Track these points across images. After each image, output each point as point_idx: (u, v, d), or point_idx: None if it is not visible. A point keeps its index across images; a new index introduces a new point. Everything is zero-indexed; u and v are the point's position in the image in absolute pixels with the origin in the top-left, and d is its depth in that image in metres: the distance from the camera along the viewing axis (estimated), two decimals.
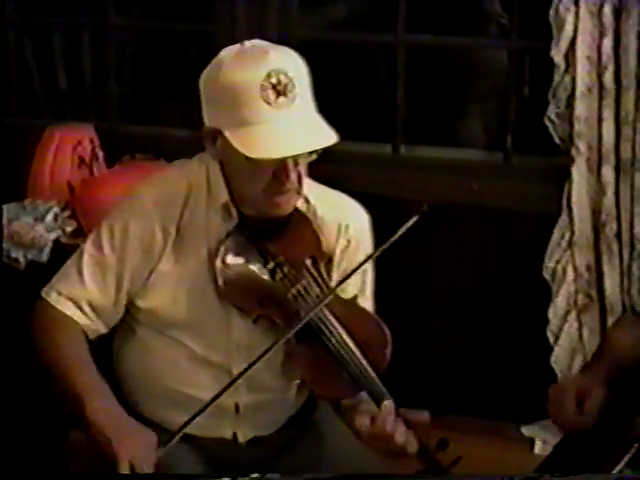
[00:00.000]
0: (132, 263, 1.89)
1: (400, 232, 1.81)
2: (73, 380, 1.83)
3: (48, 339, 1.89)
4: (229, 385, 1.82)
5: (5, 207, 2.87)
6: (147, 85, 3.85)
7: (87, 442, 2.09)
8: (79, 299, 1.89)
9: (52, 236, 2.75)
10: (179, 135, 3.22)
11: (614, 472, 1.70)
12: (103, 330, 1.93)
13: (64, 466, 2.61)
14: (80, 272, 1.90)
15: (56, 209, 2.83)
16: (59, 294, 1.90)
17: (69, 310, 1.90)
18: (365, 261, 1.91)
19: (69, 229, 2.77)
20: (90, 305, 1.90)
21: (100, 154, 2.98)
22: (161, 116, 3.72)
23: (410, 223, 1.81)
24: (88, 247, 1.91)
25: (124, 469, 1.74)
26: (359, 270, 1.94)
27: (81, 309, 1.90)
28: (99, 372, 1.88)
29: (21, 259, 2.71)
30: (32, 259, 2.71)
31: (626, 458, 1.73)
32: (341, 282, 1.89)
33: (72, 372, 1.84)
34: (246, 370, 1.81)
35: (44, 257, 2.70)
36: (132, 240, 1.88)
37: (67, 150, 2.91)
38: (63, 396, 1.88)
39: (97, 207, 2.00)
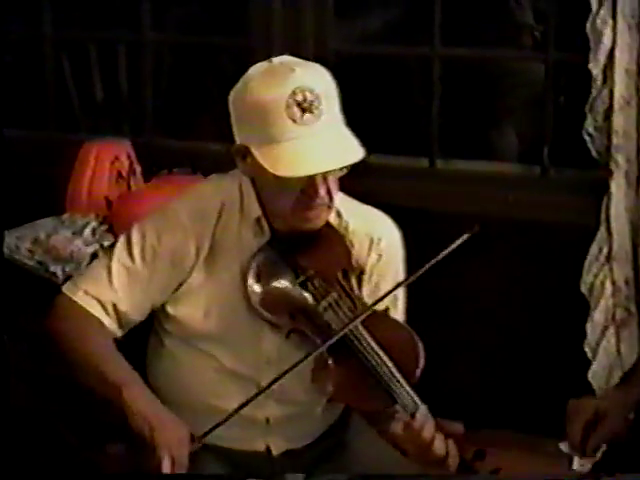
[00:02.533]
0: (161, 276, 1.89)
1: (450, 249, 1.80)
2: (106, 369, 1.82)
3: (75, 335, 1.88)
4: (261, 392, 1.82)
5: (43, 221, 2.89)
6: (183, 99, 3.87)
7: (125, 453, 2.11)
8: (105, 301, 1.89)
9: (90, 250, 2.77)
10: (215, 149, 3.24)
11: None
12: (118, 334, 1.92)
13: (101, 478, 2.63)
14: (110, 275, 1.89)
15: (94, 223, 2.85)
16: (86, 293, 1.90)
17: (94, 309, 1.89)
18: (409, 278, 1.89)
19: (107, 243, 2.78)
20: (114, 308, 1.90)
21: (137, 169, 3.00)
22: (197, 130, 3.73)
23: (460, 241, 1.81)
24: (119, 252, 1.91)
25: (165, 455, 1.73)
26: (390, 284, 1.95)
27: (105, 310, 1.89)
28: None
29: (59, 273, 2.73)
30: (70, 273, 2.72)
31: None
32: (380, 299, 1.88)
33: (104, 362, 1.83)
34: (276, 380, 1.81)
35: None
36: (164, 252, 1.88)
37: (105, 165, 2.93)
38: (95, 390, 1.85)
39: (134, 221, 2.00)
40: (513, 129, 3.56)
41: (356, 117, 1.87)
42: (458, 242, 1.81)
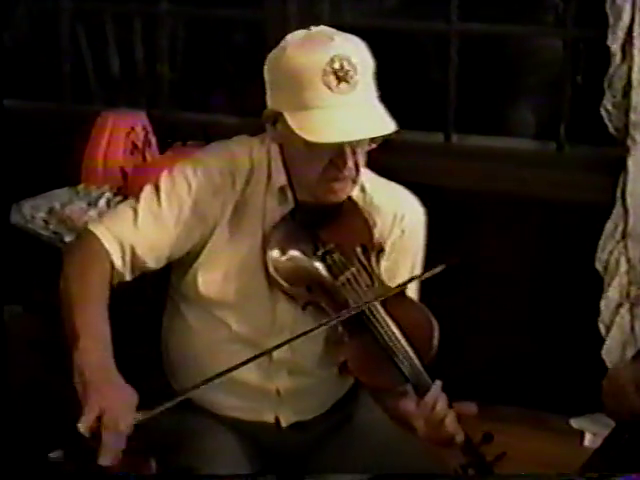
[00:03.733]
0: (185, 225, 1.87)
1: (423, 276, 1.85)
2: (76, 316, 1.75)
3: (78, 262, 1.83)
4: (254, 357, 1.78)
5: (58, 192, 2.90)
6: (198, 72, 3.86)
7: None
8: (125, 241, 1.85)
9: None
10: (229, 122, 3.24)
11: None
12: (128, 278, 1.88)
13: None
14: (136, 216, 1.86)
15: (109, 194, 2.85)
16: (108, 229, 1.86)
17: (111, 246, 1.84)
18: (406, 283, 1.91)
19: None
20: (132, 250, 1.86)
21: (153, 140, 3.00)
22: (212, 103, 3.73)
23: (436, 271, 1.82)
24: (146, 195, 1.88)
25: (89, 419, 1.60)
26: (409, 260, 1.95)
27: (123, 251, 1.85)
28: (107, 322, 1.78)
29: None
30: None
31: None
32: (402, 285, 1.88)
33: (80, 308, 1.76)
34: (282, 344, 1.80)
35: None
36: (191, 203, 1.86)
37: (120, 136, 2.93)
38: (63, 325, 1.78)
39: None
40: (529, 105, 3.55)
41: (378, 96, 1.86)
42: (434, 271, 1.83)
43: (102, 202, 2.81)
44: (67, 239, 2.74)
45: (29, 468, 2.39)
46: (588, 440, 2.81)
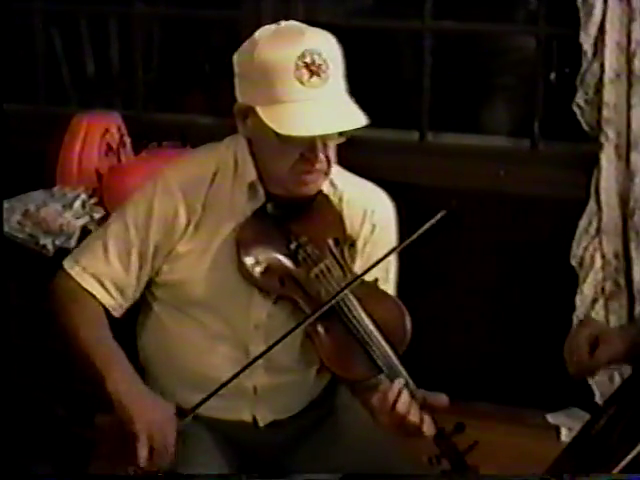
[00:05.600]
0: (155, 242, 1.91)
1: (426, 226, 1.81)
2: (92, 353, 1.85)
3: (69, 312, 1.91)
4: (252, 362, 1.84)
5: (33, 194, 2.89)
6: (173, 72, 3.86)
7: (112, 425, 2.12)
8: (103, 277, 1.91)
9: (80, 223, 2.77)
10: (205, 122, 3.23)
11: (634, 451, 1.69)
12: (126, 305, 1.94)
13: (90, 450, 2.64)
14: (105, 249, 1.91)
15: (84, 196, 2.84)
16: (83, 270, 1.92)
17: (91, 287, 1.91)
18: (391, 252, 1.91)
19: (97, 216, 2.79)
20: (114, 284, 1.91)
21: (127, 141, 3.00)
22: (188, 103, 3.73)
23: (437, 217, 1.81)
24: (113, 224, 1.93)
25: (143, 443, 1.76)
26: (381, 254, 1.93)
27: (104, 286, 1.91)
28: (119, 345, 1.89)
29: (49, 246, 2.73)
30: (60, 246, 2.72)
31: None
32: (368, 269, 1.89)
33: (91, 345, 1.86)
34: (266, 351, 1.83)
35: (72, 244, 2.71)
36: (156, 219, 1.90)
37: (95, 138, 2.92)
38: (84, 370, 1.88)
39: (125, 194, 2.00)
40: (504, 103, 3.56)
41: (348, 90, 1.87)
42: (436, 218, 1.82)
43: (77, 204, 2.80)
44: (42, 241, 2.73)
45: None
46: (564, 435, 2.83)
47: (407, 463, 1.96)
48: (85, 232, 2.73)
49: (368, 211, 1.98)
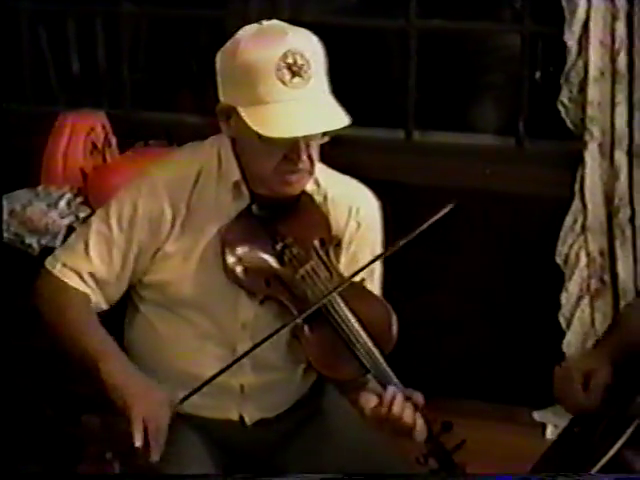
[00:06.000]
0: (139, 243, 1.90)
1: (432, 220, 1.81)
2: (84, 344, 1.84)
3: (54, 308, 1.90)
4: (239, 358, 1.83)
5: (18, 193, 2.88)
6: (160, 72, 3.85)
7: (100, 424, 2.12)
8: (82, 271, 1.90)
9: (65, 222, 2.76)
10: (192, 121, 3.23)
11: (614, 448, 1.70)
12: (104, 305, 1.94)
13: (79, 450, 2.63)
14: (86, 246, 1.91)
15: (69, 195, 2.84)
16: (64, 265, 1.91)
17: (73, 281, 1.90)
18: (385, 253, 1.91)
19: (82, 215, 2.78)
20: (93, 277, 1.91)
21: (113, 140, 2.99)
22: (174, 102, 3.72)
23: (444, 211, 1.82)
24: (96, 223, 1.92)
25: (138, 426, 1.75)
26: (368, 253, 1.95)
27: (82, 279, 1.91)
28: (109, 333, 1.89)
29: (35, 245, 2.73)
30: (46, 245, 2.72)
31: (626, 435, 1.73)
32: (357, 272, 1.89)
33: (82, 336, 1.85)
34: (252, 349, 1.82)
35: (58, 243, 2.70)
36: (140, 220, 1.89)
37: (80, 137, 2.92)
38: (76, 364, 1.88)
39: (110, 193, 2.00)
40: (489, 101, 3.57)
41: (333, 89, 1.87)
42: (437, 216, 1.81)
43: (62, 203, 2.80)
44: (28, 240, 2.73)
45: None
46: (550, 432, 2.84)
47: (395, 462, 1.96)
48: (70, 231, 2.71)
49: (353, 209, 1.98)
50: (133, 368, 1.85)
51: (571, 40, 2.73)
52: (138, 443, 1.74)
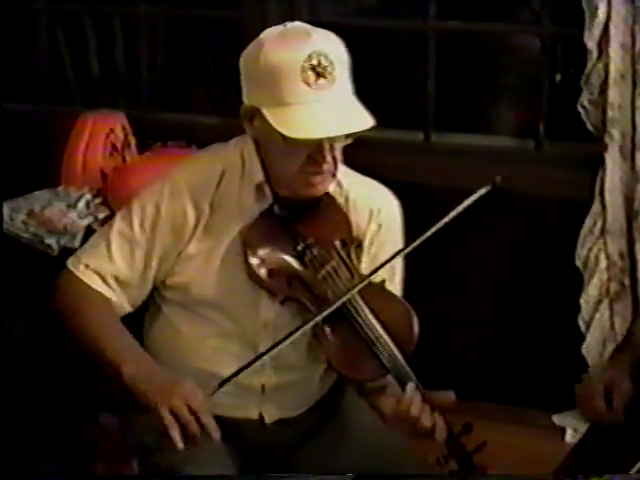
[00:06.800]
0: (162, 244, 1.90)
1: (468, 202, 1.81)
2: (104, 344, 1.84)
3: (76, 309, 1.90)
4: (259, 357, 1.83)
5: (38, 194, 2.89)
6: (177, 72, 3.86)
7: (118, 424, 2.12)
8: (105, 273, 1.91)
9: (84, 223, 2.77)
10: (210, 122, 3.23)
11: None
12: (128, 308, 1.94)
13: (94, 450, 2.64)
14: (109, 247, 1.91)
15: (88, 196, 2.85)
16: (86, 267, 1.91)
17: (95, 284, 1.91)
18: (408, 246, 1.89)
19: (101, 216, 2.79)
20: (116, 280, 1.91)
21: (132, 141, 3.00)
22: (192, 103, 3.73)
23: (480, 193, 1.81)
24: (118, 224, 1.92)
25: (171, 423, 1.72)
26: (389, 254, 1.94)
27: (107, 283, 1.91)
28: (130, 332, 1.88)
29: (54, 245, 2.74)
30: (65, 245, 2.73)
31: None
32: (378, 268, 1.89)
33: (104, 339, 1.85)
34: (275, 346, 1.82)
35: (77, 243, 2.71)
36: (163, 221, 1.90)
37: (100, 138, 2.93)
38: (97, 364, 1.87)
39: (129, 194, 2.00)
40: (508, 103, 3.56)
41: (354, 91, 1.87)
42: (473, 198, 1.82)
43: (82, 204, 2.81)
44: (47, 241, 2.74)
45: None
46: (569, 436, 2.83)
47: (414, 463, 1.96)
48: (89, 232, 2.73)
49: (374, 210, 1.98)
50: (155, 367, 1.84)
51: (591, 42, 2.71)
52: (178, 443, 1.72)
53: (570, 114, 2.81)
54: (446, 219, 1.83)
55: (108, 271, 1.91)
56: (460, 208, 1.83)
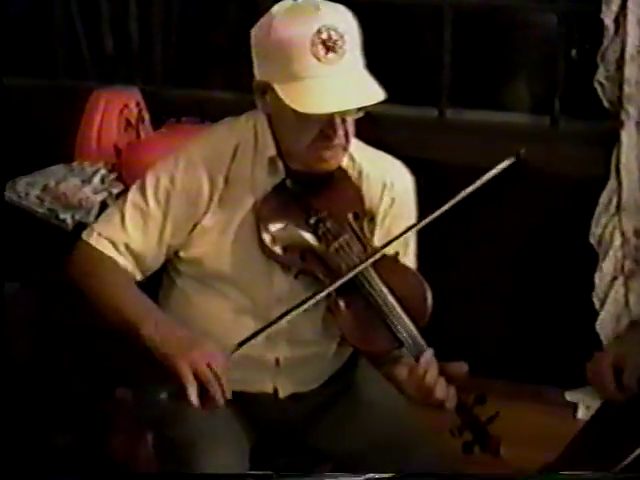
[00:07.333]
0: (175, 216, 1.91)
1: (490, 174, 1.81)
2: (123, 310, 1.84)
3: (90, 274, 1.90)
4: (282, 316, 1.82)
5: (53, 169, 2.90)
6: (192, 48, 3.84)
7: (132, 397, 2.13)
8: (118, 242, 1.91)
9: (99, 198, 2.78)
10: (224, 97, 3.23)
11: None
12: (138, 276, 1.94)
13: (109, 423, 2.66)
14: (122, 217, 1.91)
15: (103, 171, 2.85)
16: (99, 235, 1.92)
17: (108, 250, 1.91)
18: (422, 220, 1.89)
19: (116, 191, 2.80)
20: (127, 248, 1.91)
21: (146, 117, 3.00)
22: (206, 79, 3.72)
23: (503, 165, 1.81)
24: (132, 195, 1.93)
25: (190, 381, 1.72)
26: (402, 228, 1.94)
27: (118, 250, 1.91)
28: (148, 296, 1.88)
29: (69, 220, 2.75)
30: (80, 220, 2.74)
31: None
32: (391, 241, 1.89)
33: (121, 302, 1.85)
34: (290, 311, 1.82)
35: (91, 219, 2.72)
36: (178, 193, 1.90)
37: (114, 113, 2.93)
38: (116, 329, 1.86)
39: (143, 170, 2.00)
40: (524, 79, 3.53)
41: (365, 67, 1.87)
42: (496, 171, 1.82)
43: (96, 179, 2.82)
44: (62, 216, 2.75)
45: (29, 449, 2.42)
46: (582, 413, 2.83)
47: (428, 435, 1.98)
48: (104, 207, 2.74)
49: (387, 184, 1.98)
50: (175, 325, 1.83)
51: (608, 18, 2.70)
52: (194, 400, 1.72)
53: (586, 90, 2.79)
54: (469, 189, 1.82)
55: (120, 239, 1.91)
56: (484, 179, 1.83)
